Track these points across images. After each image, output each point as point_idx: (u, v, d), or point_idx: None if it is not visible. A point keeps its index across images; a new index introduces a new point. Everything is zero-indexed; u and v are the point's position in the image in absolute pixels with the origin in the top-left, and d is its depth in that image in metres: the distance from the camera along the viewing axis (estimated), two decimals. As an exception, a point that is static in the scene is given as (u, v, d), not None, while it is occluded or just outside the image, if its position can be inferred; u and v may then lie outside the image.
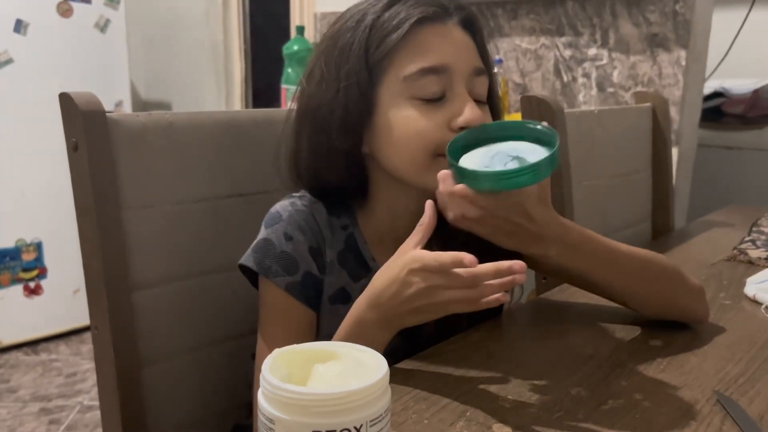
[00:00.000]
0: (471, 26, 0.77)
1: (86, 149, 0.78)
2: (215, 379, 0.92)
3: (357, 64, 0.74)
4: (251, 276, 0.80)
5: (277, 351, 0.50)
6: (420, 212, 0.77)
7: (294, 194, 0.82)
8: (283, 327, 0.77)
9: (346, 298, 0.79)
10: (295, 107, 0.81)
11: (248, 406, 0.92)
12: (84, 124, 0.77)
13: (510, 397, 0.67)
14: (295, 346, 0.51)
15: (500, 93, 2.12)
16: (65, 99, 0.78)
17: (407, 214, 0.79)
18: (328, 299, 0.79)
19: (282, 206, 0.80)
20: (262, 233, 0.79)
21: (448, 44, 0.74)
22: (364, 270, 0.80)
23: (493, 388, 0.69)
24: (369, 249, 0.81)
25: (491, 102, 0.80)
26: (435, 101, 0.73)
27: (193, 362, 0.90)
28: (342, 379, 0.48)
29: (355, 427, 0.45)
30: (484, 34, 0.79)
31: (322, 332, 0.80)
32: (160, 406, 0.86)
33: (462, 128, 0.73)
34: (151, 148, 0.85)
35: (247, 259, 0.78)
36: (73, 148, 0.79)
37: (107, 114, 0.80)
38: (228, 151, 0.91)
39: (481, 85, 0.77)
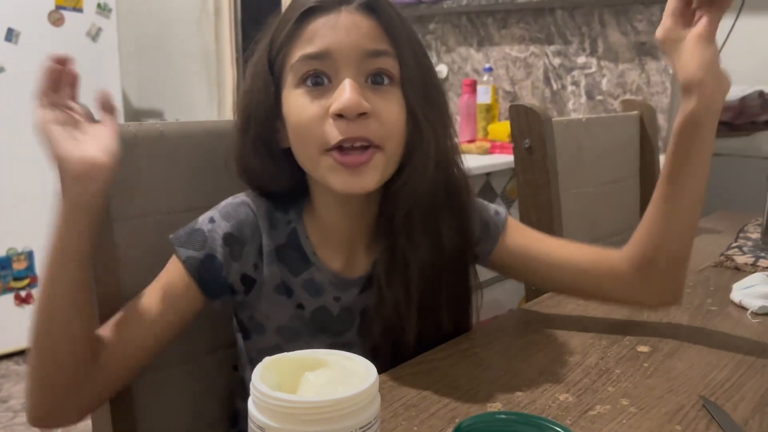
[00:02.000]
0: (372, 9, 0.73)
1: (78, 160, 0.78)
2: (207, 390, 0.92)
3: (261, 59, 0.76)
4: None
5: (267, 359, 0.50)
6: (355, 209, 0.78)
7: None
8: (163, 289, 0.76)
9: (288, 292, 0.79)
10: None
11: (232, 416, 0.92)
12: (75, 134, 0.78)
13: (499, 403, 0.68)
14: (284, 354, 0.51)
15: (490, 101, 2.14)
16: (57, 110, 0.78)
17: (341, 211, 0.79)
18: (273, 289, 0.79)
19: (227, 198, 0.81)
20: None
21: (335, 30, 0.71)
22: (305, 264, 0.80)
23: (482, 395, 0.70)
24: (312, 244, 0.80)
25: (406, 87, 0.74)
26: (321, 89, 0.71)
27: (184, 373, 0.90)
28: (331, 386, 0.48)
29: (344, 435, 0.45)
30: (393, 14, 0.74)
31: (270, 321, 0.80)
32: (151, 417, 0.86)
33: (338, 116, 0.69)
34: (142, 158, 0.85)
35: (174, 233, 0.79)
36: (64, 159, 0.79)
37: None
38: (219, 161, 0.92)
39: (383, 65, 0.72)
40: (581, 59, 2.05)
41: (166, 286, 0.76)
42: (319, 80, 0.71)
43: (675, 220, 0.80)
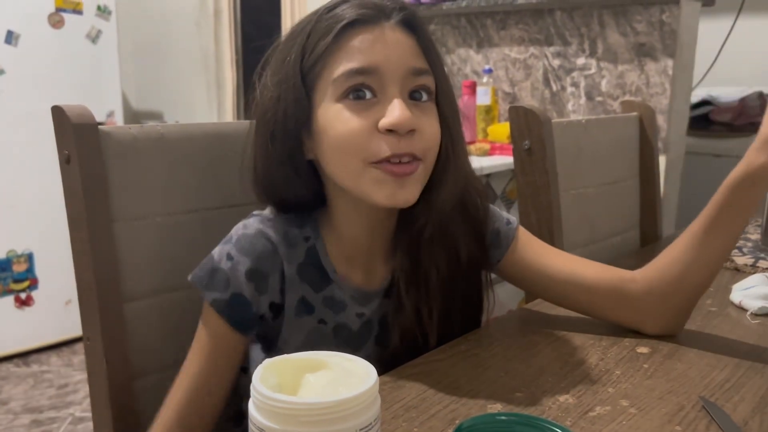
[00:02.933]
0: (411, 26, 0.74)
1: (78, 162, 0.78)
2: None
3: (292, 69, 0.73)
4: None
5: (267, 361, 0.50)
6: (377, 222, 0.78)
7: (255, 212, 0.81)
8: (206, 339, 0.76)
9: (309, 309, 0.79)
10: (255, 123, 0.80)
11: (236, 416, 0.92)
12: (76, 137, 0.78)
13: (499, 404, 0.68)
14: (285, 356, 0.51)
15: (489, 102, 2.14)
16: (57, 112, 0.79)
17: (364, 224, 0.79)
18: (293, 312, 0.78)
19: (237, 227, 0.78)
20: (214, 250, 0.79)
21: (380, 45, 0.71)
22: (325, 281, 0.79)
23: (482, 396, 0.70)
24: (331, 260, 0.80)
25: (441, 103, 0.76)
26: (366, 102, 0.71)
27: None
28: (332, 388, 0.49)
29: (345, 436, 0.45)
30: (427, 32, 0.76)
31: (290, 345, 0.79)
32: (153, 417, 0.86)
33: (389, 131, 0.70)
34: (143, 160, 0.85)
35: (192, 273, 0.78)
36: (65, 161, 0.80)
37: (99, 126, 0.80)
38: (219, 163, 0.92)
39: (424, 83, 0.74)
40: (581, 60, 2.05)
41: (204, 341, 0.77)
42: (361, 94, 0.71)
43: (706, 261, 0.82)
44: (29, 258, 2.71)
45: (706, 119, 2.40)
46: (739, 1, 2.35)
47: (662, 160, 1.84)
